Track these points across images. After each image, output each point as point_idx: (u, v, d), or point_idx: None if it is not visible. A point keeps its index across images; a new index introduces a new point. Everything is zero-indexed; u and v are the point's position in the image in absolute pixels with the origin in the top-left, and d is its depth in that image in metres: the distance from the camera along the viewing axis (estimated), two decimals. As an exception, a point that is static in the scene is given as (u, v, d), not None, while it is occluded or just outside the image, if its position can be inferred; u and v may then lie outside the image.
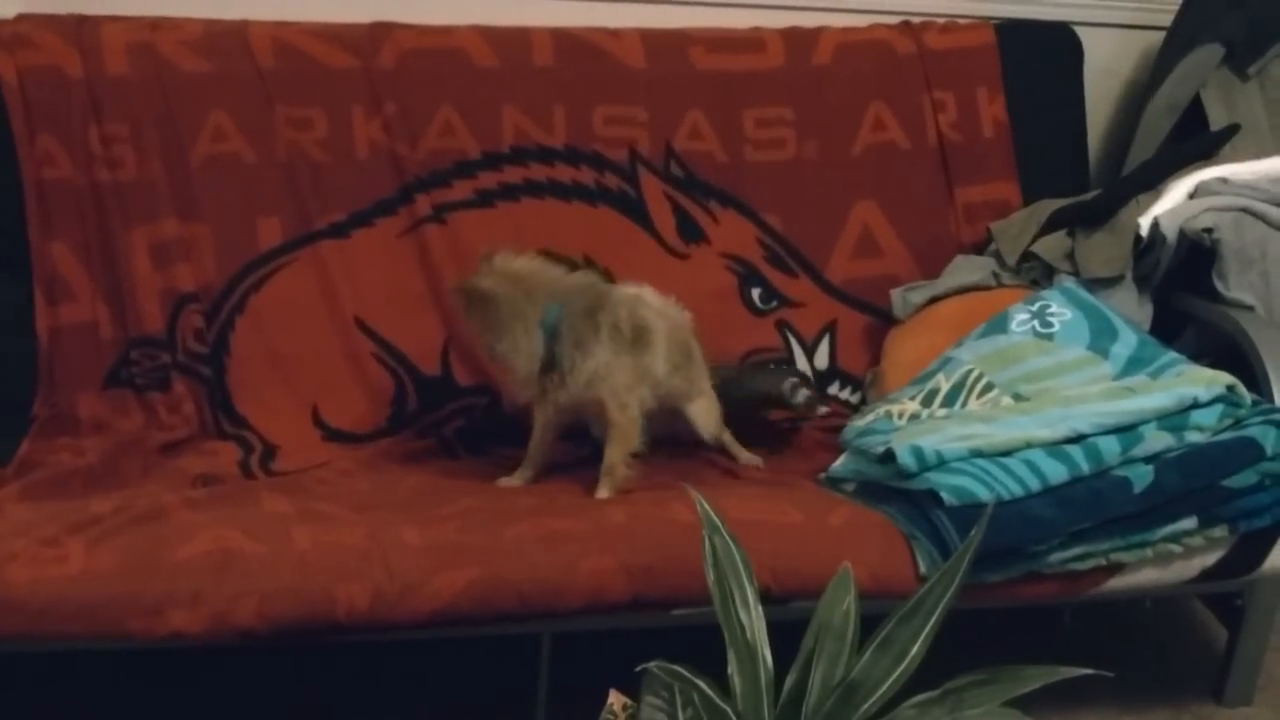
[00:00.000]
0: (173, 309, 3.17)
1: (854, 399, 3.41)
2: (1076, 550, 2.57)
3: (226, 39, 3.27)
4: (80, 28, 3.21)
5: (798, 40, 3.54)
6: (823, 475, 2.87)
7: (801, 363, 3.42)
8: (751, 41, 3.52)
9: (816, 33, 3.56)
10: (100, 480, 2.81)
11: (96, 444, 2.98)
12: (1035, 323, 2.97)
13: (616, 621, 2.51)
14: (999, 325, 3.00)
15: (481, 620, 2.44)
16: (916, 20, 3.65)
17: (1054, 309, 2.99)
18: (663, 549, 2.47)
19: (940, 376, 2.94)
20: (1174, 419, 2.68)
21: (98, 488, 2.76)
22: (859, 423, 2.97)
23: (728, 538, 1.84)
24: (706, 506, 1.86)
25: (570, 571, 2.43)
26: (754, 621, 1.78)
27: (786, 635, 1.86)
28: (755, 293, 3.42)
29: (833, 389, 3.42)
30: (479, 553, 2.43)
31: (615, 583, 2.44)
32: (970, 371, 2.90)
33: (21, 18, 3.22)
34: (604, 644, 2.36)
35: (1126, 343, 2.92)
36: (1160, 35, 3.67)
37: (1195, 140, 3.43)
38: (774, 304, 3.43)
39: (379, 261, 3.28)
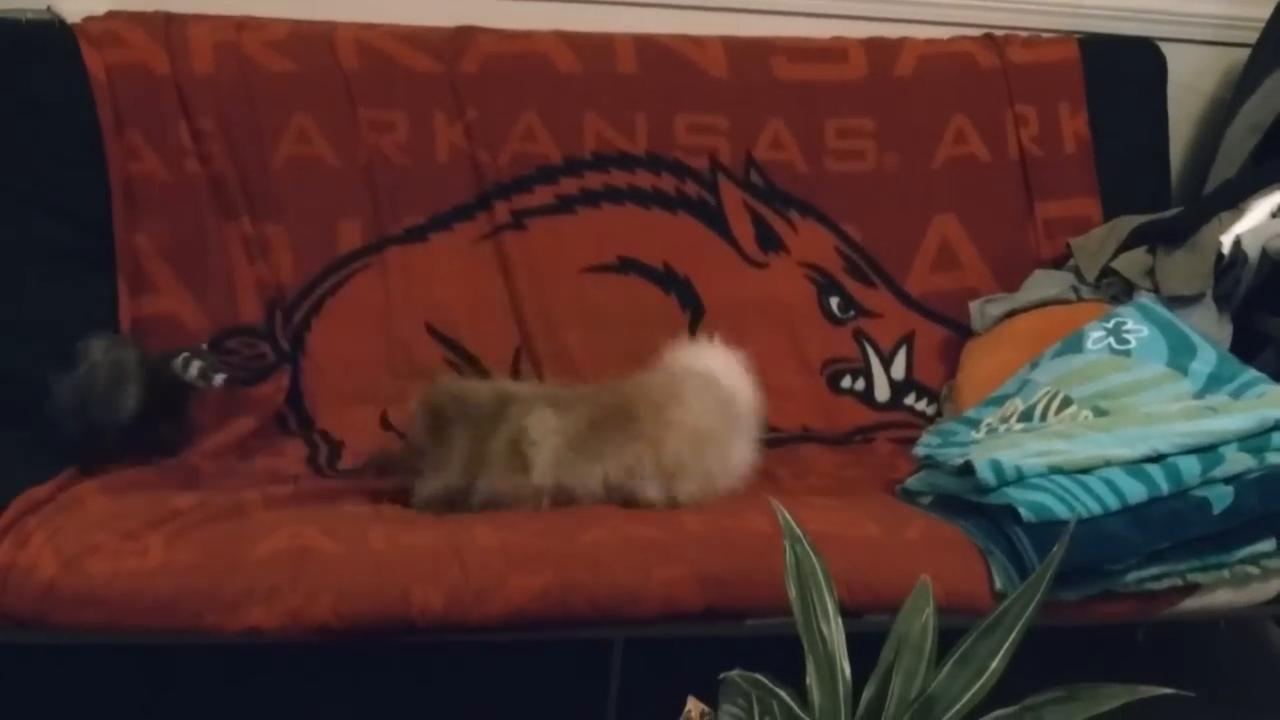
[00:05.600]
0: (269, 301, 3.21)
1: (930, 410, 3.39)
2: (1153, 570, 2.55)
3: (311, 40, 3.29)
4: (168, 26, 3.24)
5: (880, 51, 3.54)
6: (899, 488, 2.85)
7: (878, 373, 3.42)
8: (834, 52, 3.52)
9: (899, 44, 3.56)
10: (179, 475, 2.82)
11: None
12: (1111, 340, 2.94)
13: (689, 629, 2.50)
14: (1074, 345, 2.97)
15: (554, 625, 2.43)
16: (1000, 34, 3.63)
17: (1130, 326, 2.96)
18: (737, 559, 2.46)
19: (1016, 400, 2.92)
20: (1255, 440, 2.65)
21: (177, 483, 2.77)
22: (934, 437, 2.96)
23: (809, 548, 1.84)
24: (788, 516, 1.85)
25: (644, 579, 2.42)
26: (834, 633, 1.78)
27: (858, 648, 1.86)
28: (833, 302, 3.42)
29: (909, 400, 3.41)
30: (554, 557, 2.43)
31: (688, 591, 2.43)
32: (1046, 392, 2.88)
33: (111, 15, 3.25)
34: (675, 651, 2.36)
35: (1206, 359, 2.88)
36: (1245, 52, 3.65)
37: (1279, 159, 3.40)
38: (852, 314, 3.42)
39: (456, 266, 3.29)
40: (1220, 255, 3.11)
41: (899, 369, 3.43)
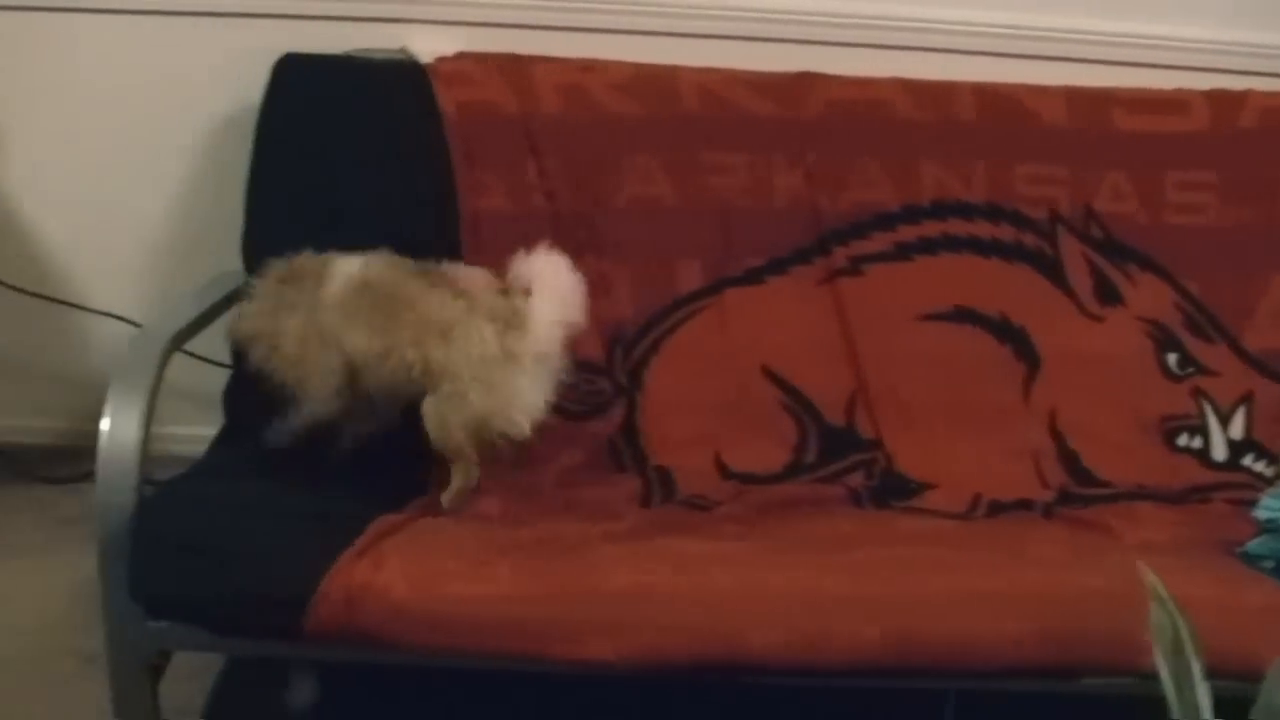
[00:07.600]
0: (610, 339, 3.26)
1: (1269, 472, 3.30)
2: None
3: (654, 83, 3.36)
4: (515, 67, 3.34)
5: (1222, 103, 3.47)
6: (1240, 551, 2.79)
7: (1216, 432, 3.33)
8: (1175, 103, 3.47)
9: (1242, 96, 3.48)
10: (514, 508, 2.88)
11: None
12: None
13: (1023, 685, 2.50)
14: None
15: (892, 673, 2.45)
16: (1351, 85, 3.54)
17: None
18: (1080, 616, 2.45)
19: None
20: None
21: (512, 518, 2.83)
22: (1274, 500, 2.90)
23: (1176, 613, 1.82)
24: (1157, 581, 1.83)
25: (987, 633, 2.43)
26: (1204, 702, 1.75)
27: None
28: (1171, 358, 3.35)
29: (1247, 460, 3.32)
30: (897, 606, 2.45)
31: (1031, 647, 2.42)
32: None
33: (461, 55, 3.37)
34: (1002, 705, 2.35)
35: None
36: None
37: None
38: (1190, 370, 3.35)
39: (792, 310, 3.31)
40: None
41: (1237, 428, 3.34)
